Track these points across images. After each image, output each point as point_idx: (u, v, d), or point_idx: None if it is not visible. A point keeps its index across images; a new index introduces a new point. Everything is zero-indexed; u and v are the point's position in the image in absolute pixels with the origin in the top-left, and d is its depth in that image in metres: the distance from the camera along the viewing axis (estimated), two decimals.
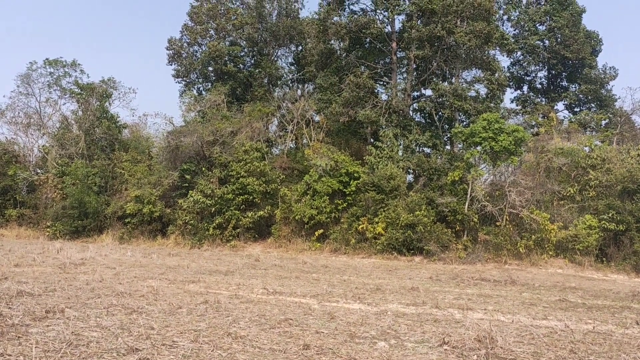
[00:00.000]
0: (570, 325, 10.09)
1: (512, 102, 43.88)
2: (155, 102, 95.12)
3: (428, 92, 35.76)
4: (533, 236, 26.26)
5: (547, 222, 26.22)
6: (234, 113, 36.81)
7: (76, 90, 41.55)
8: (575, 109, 42.70)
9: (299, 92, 42.34)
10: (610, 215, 26.23)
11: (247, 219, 31.01)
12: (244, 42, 42.41)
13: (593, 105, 41.67)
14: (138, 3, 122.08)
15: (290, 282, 16.15)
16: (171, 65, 42.33)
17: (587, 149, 31.67)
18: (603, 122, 39.47)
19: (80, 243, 32.82)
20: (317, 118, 37.87)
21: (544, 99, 43.02)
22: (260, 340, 7.99)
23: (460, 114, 34.51)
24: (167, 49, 42.01)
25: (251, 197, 31.25)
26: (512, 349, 7.90)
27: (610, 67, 41.40)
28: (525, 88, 44.41)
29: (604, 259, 26.15)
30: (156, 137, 39.76)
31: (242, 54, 42.57)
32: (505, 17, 41.13)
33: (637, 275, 24.26)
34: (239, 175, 31.40)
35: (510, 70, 43.32)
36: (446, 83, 34.99)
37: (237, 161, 31.94)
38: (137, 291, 12.65)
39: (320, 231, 29.65)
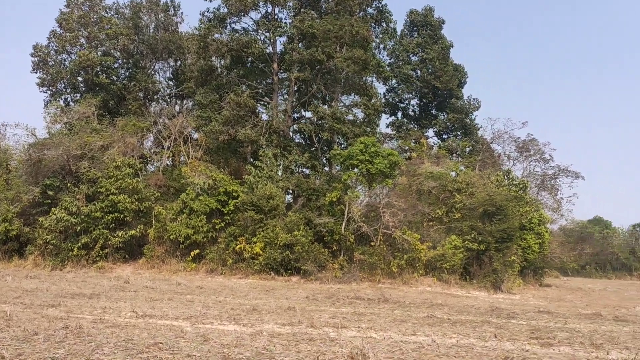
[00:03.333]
0: (436, 340, 10.51)
1: (387, 127, 45.91)
2: (16, 112, 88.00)
3: (308, 114, 36.44)
4: (405, 256, 27.39)
5: (417, 243, 27.52)
6: (106, 127, 34.79)
7: None
8: (444, 136, 45.62)
9: (177, 108, 41.21)
10: (473, 235, 28.12)
11: (116, 239, 29.29)
12: (118, 53, 40.58)
13: (459, 133, 44.77)
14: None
15: (162, 304, 15.40)
16: (36, 73, 39.40)
17: (453, 173, 33.84)
18: (467, 149, 42.51)
19: None
20: (195, 135, 37.00)
21: (416, 126, 45.49)
22: None
23: (339, 136, 35.45)
24: (32, 56, 39.07)
25: (122, 216, 29.59)
26: None
27: (474, 99, 44.89)
28: (399, 114, 46.73)
29: (467, 276, 27.93)
30: (16, 149, 36.51)
31: (115, 65, 40.63)
32: (381, 46, 43.11)
33: (496, 291, 26.16)
34: (108, 192, 29.64)
35: (386, 97, 45.41)
36: (326, 106, 35.85)
37: (108, 177, 30.17)
38: None
39: (196, 251, 28.77)
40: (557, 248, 43.90)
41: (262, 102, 36.85)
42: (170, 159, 37.08)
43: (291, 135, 36.54)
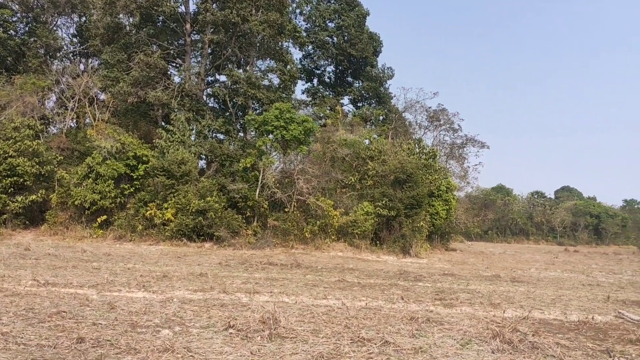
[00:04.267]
0: (346, 303, 10.76)
1: (303, 93, 45.94)
2: None
3: (222, 78, 35.59)
4: (318, 222, 27.75)
5: (330, 209, 27.93)
6: (3, 85, 32.24)
7: None
8: (358, 104, 46.22)
9: (82, 67, 38.85)
10: (384, 202, 28.88)
11: (16, 204, 27.53)
12: (17, 5, 37.44)
13: (373, 101, 45.51)
14: None
15: (66, 272, 14.72)
16: None
17: (367, 141, 34.43)
18: (381, 118, 43.35)
19: None
20: (102, 96, 35.16)
21: (331, 93, 45.74)
22: (26, 336, 7.08)
23: (254, 102, 34.92)
24: None
25: (21, 180, 27.78)
26: (293, 327, 8.12)
27: (388, 68, 45.63)
28: (315, 81, 46.76)
29: (378, 242, 28.78)
30: None
31: (13, 19, 37.51)
32: (298, 11, 42.69)
33: (404, 256, 27.15)
34: (6, 155, 27.65)
35: (302, 63, 45.20)
36: (241, 70, 35.11)
37: (5, 139, 28.12)
38: None
39: (104, 217, 27.65)
40: (462, 214, 46.12)
41: (174, 64, 35.51)
42: (75, 120, 35.10)
43: (205, 99, 35.56)
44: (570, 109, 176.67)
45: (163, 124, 32.91)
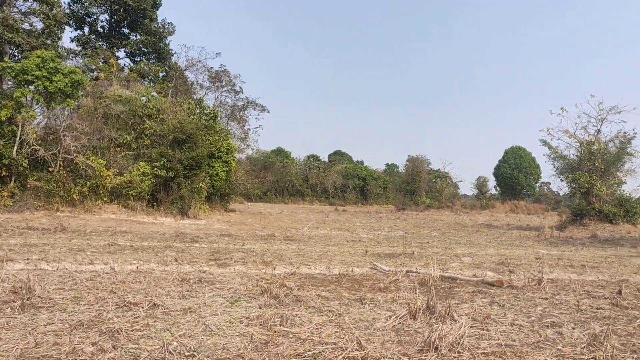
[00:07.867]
0: (115, 267, 10.20)
1: (71, 42, 41.64)
2: None
3: None
4: (88, 182, 25.79)
5: (103, 169, 26.10)
6: None
7: None
8: (136, 59, 43.56)
9: None
10: (162, 162, 27.99)
11: None
12: None
13: (152, 57, 43.31)
14: None
15: None
16: None
17: (144, 98, 32.75)
18: (160, 75, 41.57)
19: None
20: None
21: (105, 44, 42.31)
22: None
23: (12, 47, 30.70)
24: None
25: None
26: (51, 296, 7.42)
27: (168, 23, 43.68)
28: (86, 29, 42.71)
29: (155, 203, 27.90)
30: None
31: None
32: None
33: (183, 217, 26.80)
34: None
35: (71, 8, 40.86)
36: None
37: None
38: None
39: None
40: (242, 176, 46.93)
41: None
42: None
43: None
44: (343, 79, 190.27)
45: None
